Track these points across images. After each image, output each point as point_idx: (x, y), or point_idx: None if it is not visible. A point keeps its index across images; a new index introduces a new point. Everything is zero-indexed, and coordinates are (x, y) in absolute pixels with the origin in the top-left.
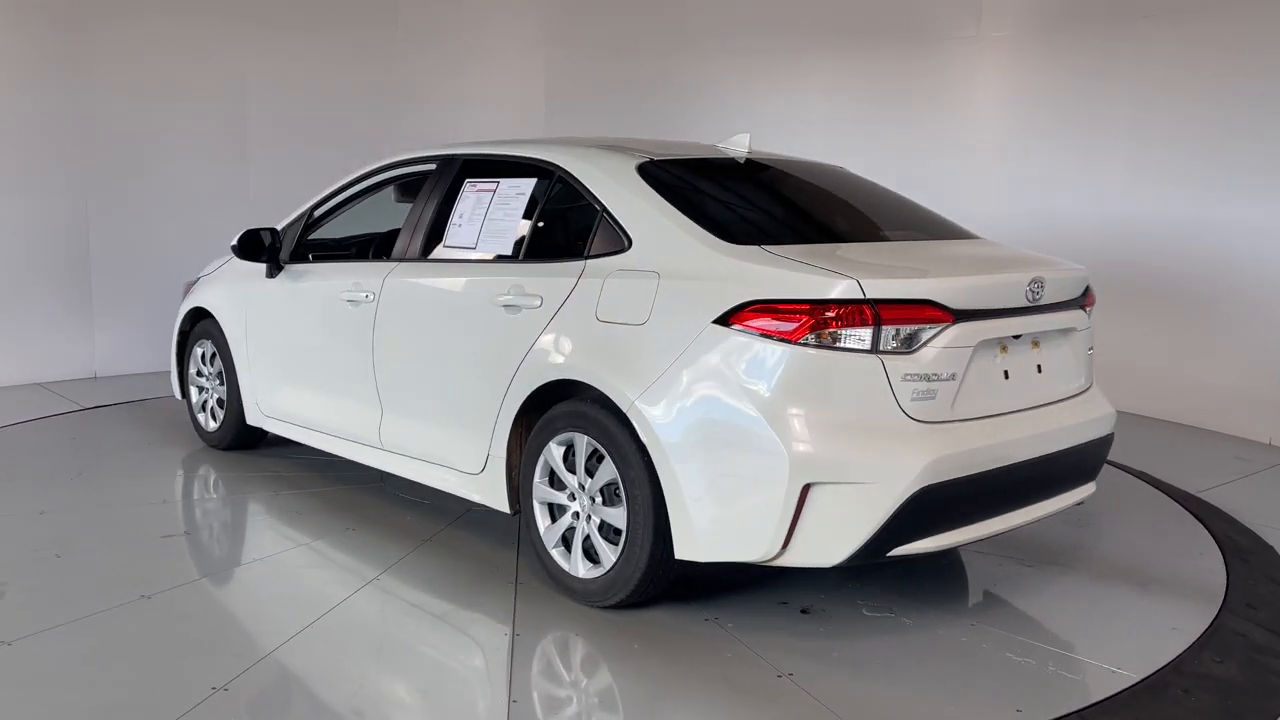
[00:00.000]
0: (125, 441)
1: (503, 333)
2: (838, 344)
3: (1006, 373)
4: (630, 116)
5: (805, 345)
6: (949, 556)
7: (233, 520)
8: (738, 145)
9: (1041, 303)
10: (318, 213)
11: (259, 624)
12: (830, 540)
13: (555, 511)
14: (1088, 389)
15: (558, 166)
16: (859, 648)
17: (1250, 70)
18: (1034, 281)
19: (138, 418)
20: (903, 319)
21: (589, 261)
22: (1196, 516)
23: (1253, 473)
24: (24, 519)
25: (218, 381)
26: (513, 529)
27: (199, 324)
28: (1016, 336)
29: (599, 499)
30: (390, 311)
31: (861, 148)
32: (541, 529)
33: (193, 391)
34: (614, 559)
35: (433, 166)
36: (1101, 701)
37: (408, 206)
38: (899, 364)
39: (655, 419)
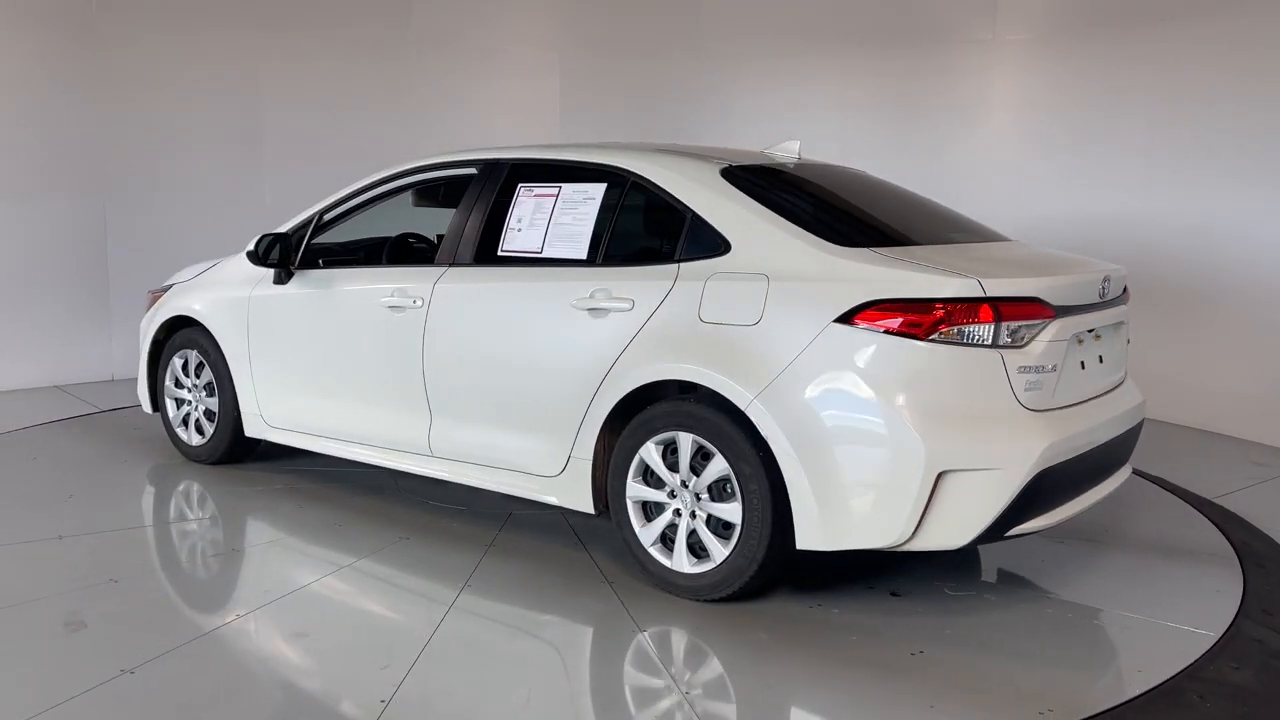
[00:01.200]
0: (132, 451)
1: (588, 336)
2: (962, 340)
3: (1083, 363)
4: (644, 119)
5: (933, 341)
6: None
7: (279, 537)
8: (787, 151)
9: (1107, 298)
10: (326, 217)
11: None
12: (958, 524)
13: (649, 510)
14: (1125, 379)
15: (631, 172)
16: (965, 624)
17: (1268, 72)
18: (1105, 280)
19: (149, 423)
20: (1017, 315)
21: (682, 265)
22: (1213, 522)
23: (1270, 478)
24: (54, 542)
25: (205, 393)
26: (566, 528)
27: (179, 333)
28: (1090, 330)
29: (705, 495)
30: (444, 317)
31: (875, 151)
32: (637, 528)
33: (169, 404)
34: (726, 553)
35: (471, 171)
36: (1116, 707)
37: (427, 211)
38: (1014, 357)
39: (778, 415)
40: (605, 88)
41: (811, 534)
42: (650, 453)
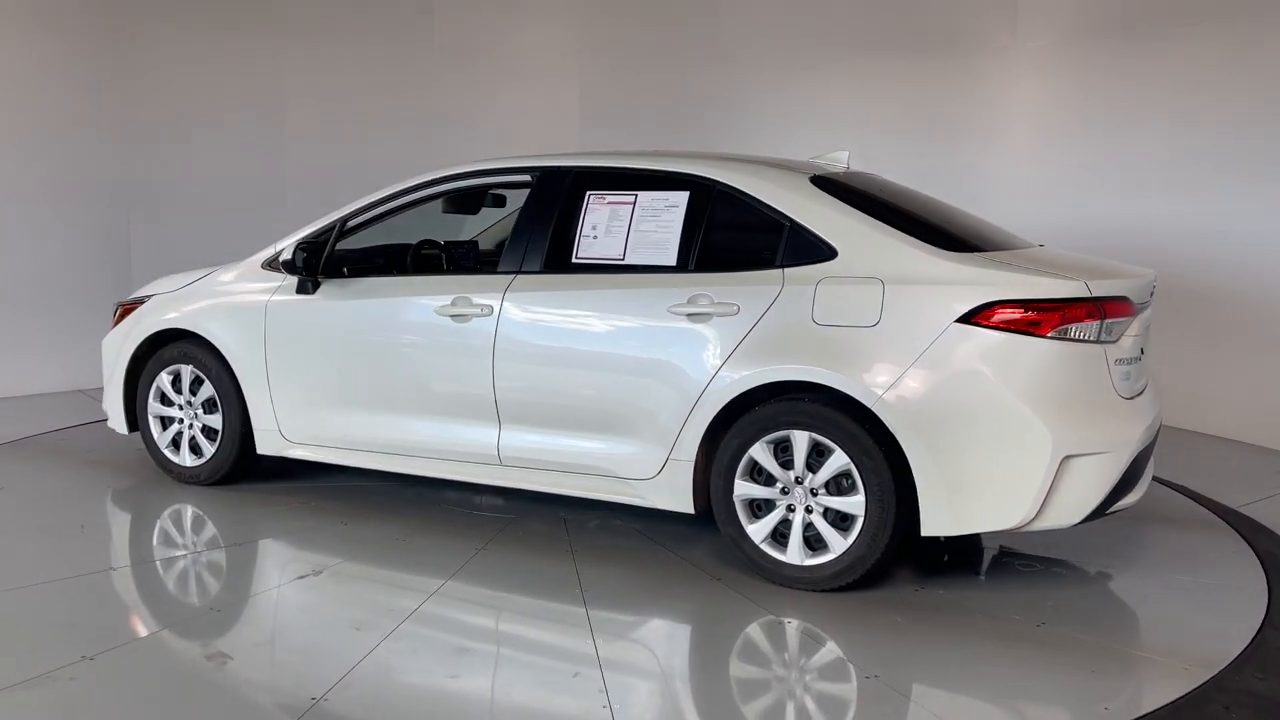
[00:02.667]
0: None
1: (689, 341)
2: (1074, 336)
3: (1139, 356)
4: (663, 126)
5: (1052, 339)
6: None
7: (356, 554)
8: (836, 160)
9: (1149, 300)
10: (350, 224)
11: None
12: (1074, 503)
13: (757, 508)
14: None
15: (717, 181)
16: (1061, 596)
17: None
18: (1153, 281)
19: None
20: (1113, 313)
21: (786, 270)
22: (1238, 531)
23: None
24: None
25: (202, 410)
26: (625, 528)
27: (167, 348)
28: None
29: (822, 490)
30: (518, 325)
31: (895, 157)
32: (748, 526)
33: (153, 424)
34: (847, 544)
35: (518, 179)
36: (1142, 717)
37: (456, 219)
38: (1111, 351)
39: (905, 410)
40: (624, 95)
41: (939, 521)
42: (761, 452)
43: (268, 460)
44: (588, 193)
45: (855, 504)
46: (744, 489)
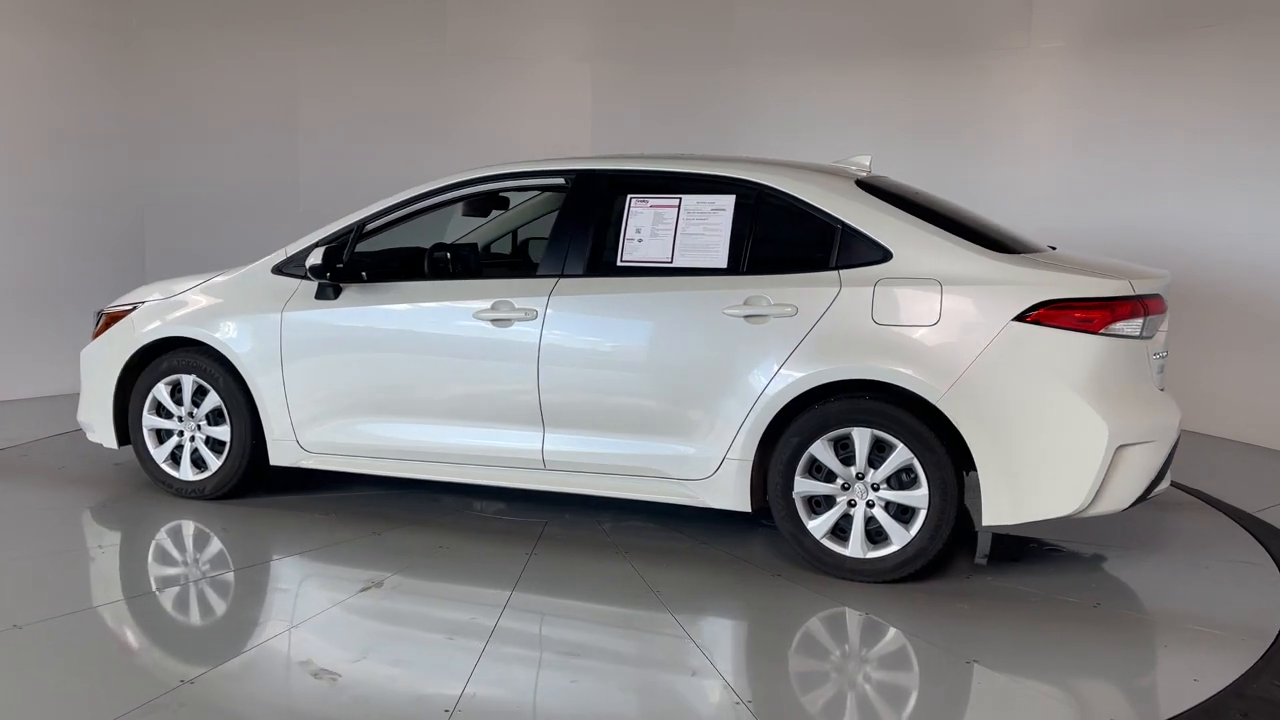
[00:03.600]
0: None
1: (747, 341)
2: (1122, 332)
3: (1167, 352)
4: (677, 129)
5: (1104, 335)
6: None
7: (406, 565)
8: (859, 166)
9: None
10: (369, 227)
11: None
12: (1125, 490)
13: (815, 504)
14: None
15: (764, 185)
16: (1108, 579)
17: None
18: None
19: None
20: (1153, 310)
21: (841, 272)
22: (1255, 536)
23: None
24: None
25: (205, 421)
26: (658, 529)
27: (165, 357)
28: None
29: (884, 485)
30: (564, 328)
31: (909, 159)
32: (808, 522)
33: (148, 437)
34: (910, 536)
35: (557, 181)
36: (1231, 684)
37: (475, 221)
38: (1150, 346)
39: (969, 405)
40: (637, 97)
41: (1000, 511)
42: (823, 449)
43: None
44: (628, 196)
45: (918, 497)
46: (804, 486)
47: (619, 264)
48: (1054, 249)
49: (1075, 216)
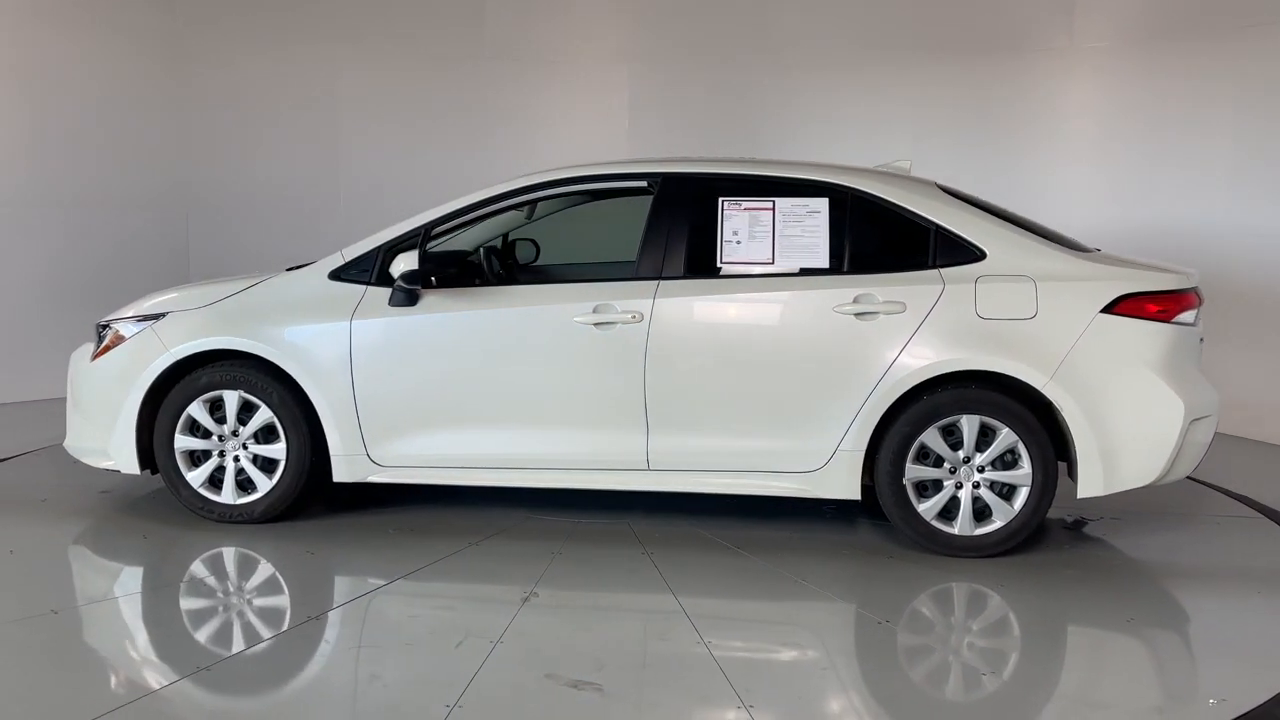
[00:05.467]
0: None
1: (858, 338)
2: (1184, 321)
3: None
4: (714, 128)
5: (1174, 323)
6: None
7: (553, 577)
8: (899, 170)
9: None
10: (436, 230)
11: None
12: (1190, 459)
13: (923, 488)
14: None
15: (854, 189)
16: (1182, 544)
17: None
18: None
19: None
20: (1200, 301)
21: (942, 270)
22: None
23: None
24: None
25: (252, 440)
26: (733, 522)
27: (199, 372)
28: None
29: (989, 467)
30: (672, 330)
31: (950, 159)
32: (918, 505)
33: (180, 460)
34: (1015, 512)
35: (639, 184)
36: None
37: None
38: (1197, 331)
39: (1069, 390)
40: (674, 98)
41: (1093, 484)
42: (933, 436)
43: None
44: (719, 199)
45: (1022, 476)
46: (914, 472)
47: (719, 265)
48: (1099, 250)
49: (1119, 218)
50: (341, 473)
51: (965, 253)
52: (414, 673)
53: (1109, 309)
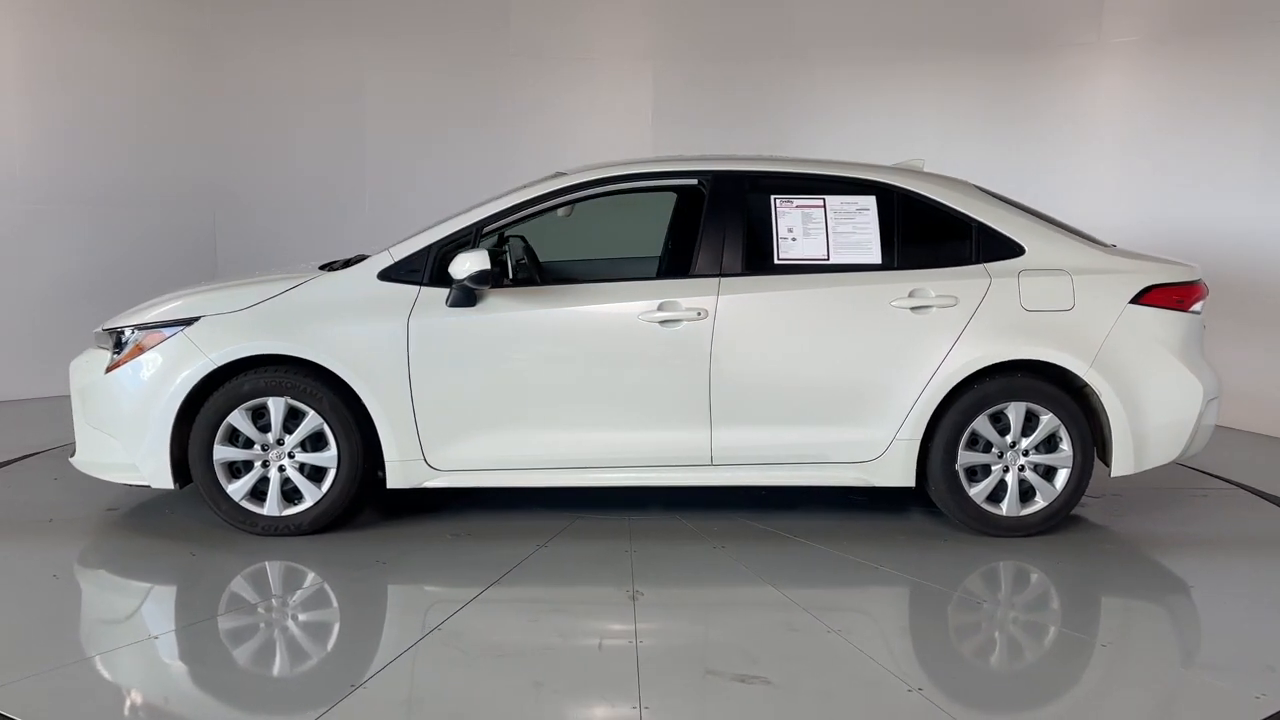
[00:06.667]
0: None
1: (915, 331)
2: (1196, 310)
3: None
4: (738, 125)
5: (1190, 312)
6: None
7: (647, 573)
8: (914, 168)
9: None
10: (487, 229)
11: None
12: (1200, 438)
13: (971, 473)
14: None
15: (898, 187)
16: (1203, 522)
17: None
18: None
19: None
20: (1207, 292)
21: (987, 265)
22: None
23: None
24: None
25: (299, 449)
26: (782, 514)
27: (242, 379)
28: None
29: (1032, 451)
30: (737, 327)
31: (976, 156)
32: (970, 489)
33: (219, 472)
34: (1057, 492)
35: (689, 181)
36: None
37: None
38: (1202, 320)
39: (1107, 378)
40: (698, 95)
41: (1126, 463)
42: (983, 423)
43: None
44: (771, 197)
45: (1063, 458)
46: (966, 458)
47: (777, 262)
48: (1115, 245)
49: (1145, 214)
50: (396, 479)
51: (1005, 248)
52: (576, 677)
53: (1136, 299)
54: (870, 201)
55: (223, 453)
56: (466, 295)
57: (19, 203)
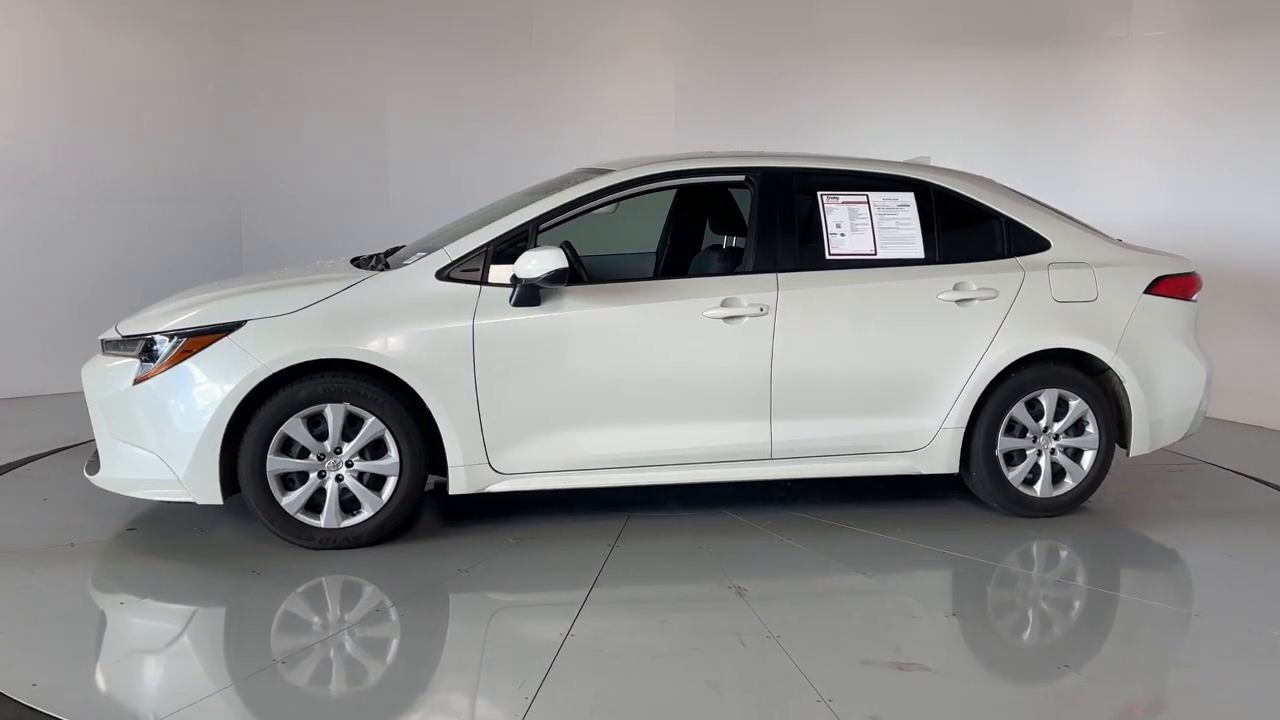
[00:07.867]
0: None
1: (961, 322)
2: (1195, 299)
3: None
4: (761, 122)
5: (1193, 301)
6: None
7: (736, 567)
8: (922, 163)
9: None
10: (543, 227)
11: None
12: (1202, 416)
13: (1009, 458)
14: None
15: (933, 184)
16: (1190, 498)
17: None
18: None
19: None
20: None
21: (1019, 258)
22: None
23: None
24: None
25: (358, 457)
26: (816, 501)
27: (298, 386)
28: None
29: (1062, 435)
30: (796, 321)
31: (1001, 151)
32: (1008, 473)
33: (272, 484)
34: (1085, 472)
35: (737, 178)
36: None
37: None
38: (1197, 307)
39: (1129, 364)
40: (721, 91)
41: (1142, 444)
42: (1020, 410)
43: None
44: (818, 193)
45: (1090, 441)
46: (1005, 444)
47: (829, 257)
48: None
49: (1174, 208)
50: (460, 484)
51: (1033, 243)
52: (743, 675)
53: (1149, 290)
54: (909, 198)
55: (277, 464)
56: (532, 294)
57: (46, 200)
